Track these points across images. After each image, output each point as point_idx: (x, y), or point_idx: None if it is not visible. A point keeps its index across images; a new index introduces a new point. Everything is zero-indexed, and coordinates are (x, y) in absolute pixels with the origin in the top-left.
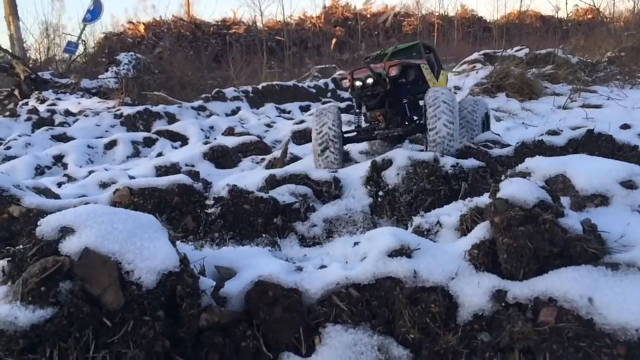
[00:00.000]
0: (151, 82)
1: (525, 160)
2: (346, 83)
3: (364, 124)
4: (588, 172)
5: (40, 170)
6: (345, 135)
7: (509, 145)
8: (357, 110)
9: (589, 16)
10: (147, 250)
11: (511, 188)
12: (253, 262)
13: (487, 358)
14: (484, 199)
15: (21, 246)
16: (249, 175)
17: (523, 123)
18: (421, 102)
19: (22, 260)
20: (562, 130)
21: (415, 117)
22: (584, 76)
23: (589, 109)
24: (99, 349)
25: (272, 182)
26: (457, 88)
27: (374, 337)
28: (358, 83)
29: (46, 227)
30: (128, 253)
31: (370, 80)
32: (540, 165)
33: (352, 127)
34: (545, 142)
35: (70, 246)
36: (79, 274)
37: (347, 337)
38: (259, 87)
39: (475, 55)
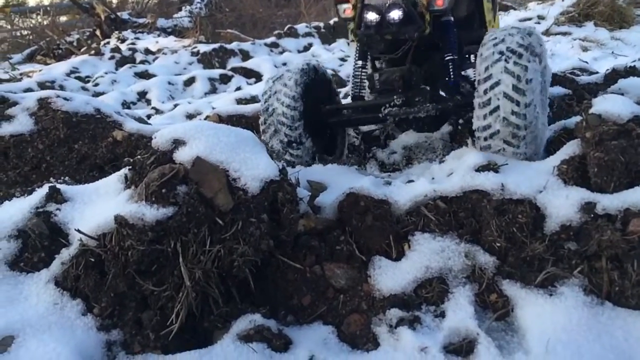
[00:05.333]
0: (223, 21)
1: (619, 81)
2: (347, 12)
3: (367, 94)
4: None
5: (126, 106)
6: (331, 117)
7: (597, 72)
8: (359, 65)
9: None
10: (250, 160)
11: (605, 104)
12: (342, 178)
13: (574, 265)
14: (573, 120)
15: (139, 156)
16: None
17: (612, 52)
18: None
19: (142, 168)
20: None
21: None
22: None
23: None
24: (213, 243)
25: None
26: (541, 17)
27: (461, 245)
28: (371, 16)
29: (160, 139)
30: (234, 162)
31: (396, 15)
32: (635, 85)
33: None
34: (639, 69)
35: (183, 155)
36: (193, 179)
37: (435, 244)
38: (331, 22)
39: None
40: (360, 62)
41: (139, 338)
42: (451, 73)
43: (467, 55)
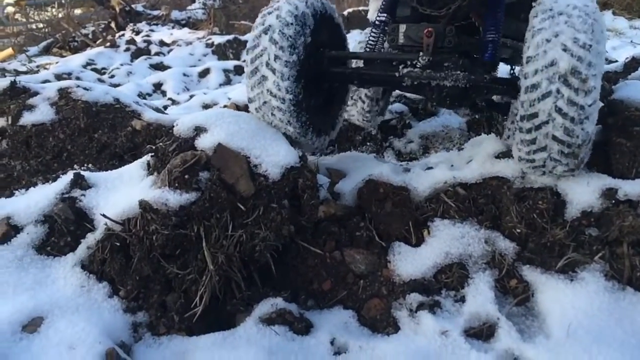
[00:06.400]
0: (237, 12)
1: (639, 69)
2: None
3: (385, 47)
4: None
5: (142, 97)
6: (335, 66)
7: (616, 61)
8: (382, 19)
9: None
10: (271, 147)
11: (626, 90)
12: (361, 165)
13: (595, 250)
14: None
15: (161, 144)
16: None
17: (631, 41)
18: None
19: (164, 155)
20: None
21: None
22: None
23: None
24: (236, 228)
25: None
26: None
27: (480, 231)
28: None
29: (182, 126)
30: (254, 149)
31: None
32: None
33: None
34: None
35: (204, 142)
36: (215, 165)
37: (455, 230)
38: (345, 13)
39: None
40: (384, 16)
41: (164, 320)
42: (489, 49)
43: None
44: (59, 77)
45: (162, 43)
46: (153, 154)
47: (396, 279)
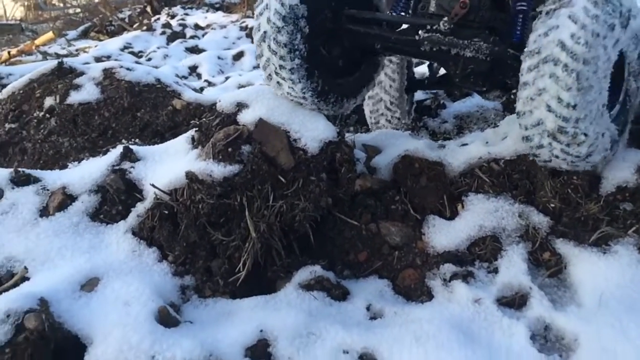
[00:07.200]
0: None
1: None
2: None
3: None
4: None
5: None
6: (351, 23)
7: None
8: None
9: None
10: (309, 122)
11: None
12: (396, 142)
13: (629, 225)
14: None
15: (205, 119)
16: None
17: None
18: None
19: (207, 129)
20: None
21: None
22: None
23: None
24: (276, 199)
25: None
26: None
27: (514, 205)
28: None
29: (224, 103)
30: (294, 124)
31: None
32: None
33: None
34: None
35: (246, 117)
36: (256, 139)
37: (489, 204)
38: None
39: None
40: None
41: (209, 284)
42: (519, 27)
43: None
44: (98, 59)
45: (196, 26)
46: (197, 128)
47: (430, 251)
